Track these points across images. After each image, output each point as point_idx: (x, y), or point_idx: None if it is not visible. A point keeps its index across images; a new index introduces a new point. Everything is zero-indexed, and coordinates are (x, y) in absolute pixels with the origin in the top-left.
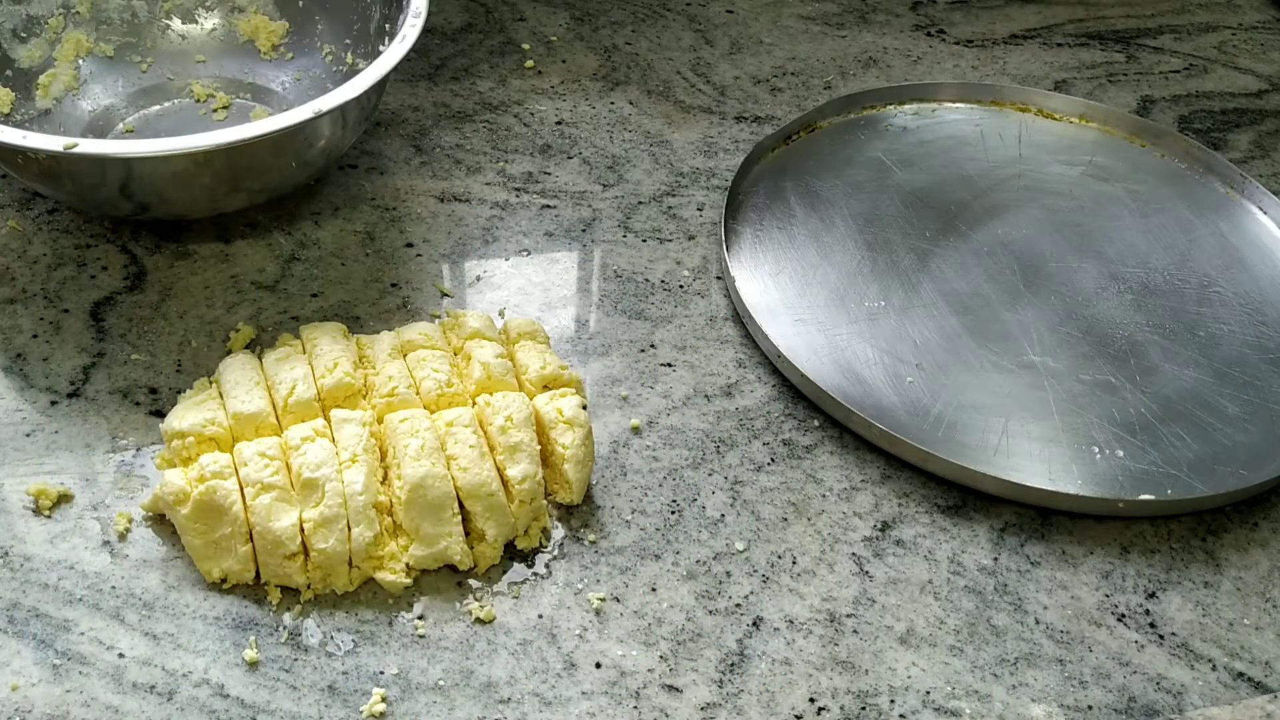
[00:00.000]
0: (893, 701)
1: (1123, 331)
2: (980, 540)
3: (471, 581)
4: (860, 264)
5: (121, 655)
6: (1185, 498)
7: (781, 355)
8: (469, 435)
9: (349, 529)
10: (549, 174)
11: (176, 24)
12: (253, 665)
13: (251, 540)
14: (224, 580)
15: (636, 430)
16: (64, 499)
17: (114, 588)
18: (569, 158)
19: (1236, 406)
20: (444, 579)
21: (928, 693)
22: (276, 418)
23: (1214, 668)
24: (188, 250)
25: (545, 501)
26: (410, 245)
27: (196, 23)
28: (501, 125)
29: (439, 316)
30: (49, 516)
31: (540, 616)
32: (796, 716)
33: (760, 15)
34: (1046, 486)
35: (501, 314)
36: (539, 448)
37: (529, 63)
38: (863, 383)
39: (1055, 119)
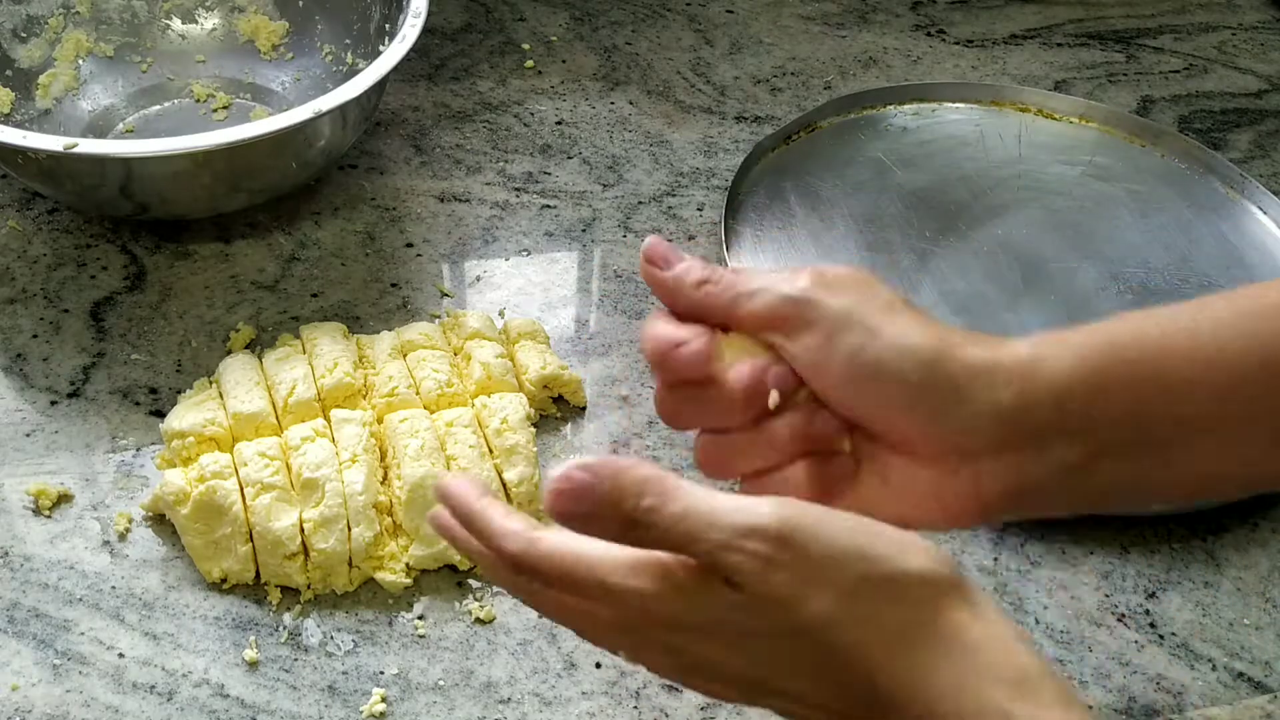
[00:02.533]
0: None
1: None
2: (980, 540)
3: (471, 581)
4: (860, 264)
5: (121, 655)
6: None
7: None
8: (469, 435)
9: (349, 529)
10: (549, 174)
11: (176, 24)
12: (253, 665)
13: (251, 540)
14: (224, 580)
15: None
16: (64, 499)
17: (114, 588)
18: (569, 158)
19: None
20: (444, 579)
21: None
22: (276, 418)
23: (1214, 667)
24: (188, 250)
25: None
26: (410, 245)
27: (196, 23)
28: (501, 125)
29: (439, 316)
30: (49, 516)
31: (540, 616)
32: None
33: (760, 15)
34: None
35: (501, 314)
36: (536, 450)
37: (529, 63)
38: None
39: (1055, 119)
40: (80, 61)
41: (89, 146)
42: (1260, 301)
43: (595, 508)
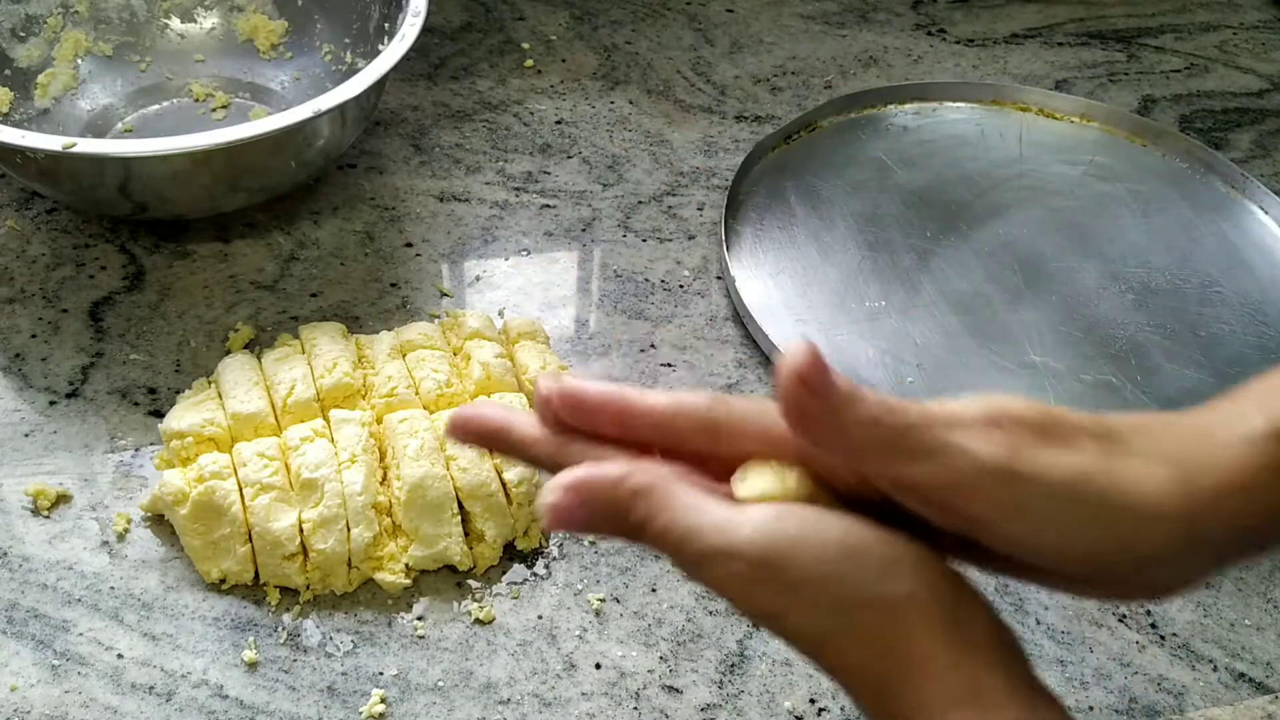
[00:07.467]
0: None
1: (1124, 331)
2: None
3: (471, 582)
4: (861, 264)
5: (120, 656)
6: None
7: (782, 355)
8: None
9: (348, 529)
10: (549, 174)
11: (175, 23)
12: (252, 666)
13: (250, 541)
14: (223, 581)
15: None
16: (63, 499)
17: (113, 588)
18: (569, 157)
19: None
20: (443, 579)
21: None
22: (275, 418)
23: (1215, 668)
24: (187, 250)
25: None
26: (410, 245)
27: (195, 22)
28: (501, 125)
29: (438, 316)
30: (48, 517)
31: (540, 617)
32: (796, 718)
33: (760, 14)
34: None
35: (501, 314)
36: None
37: (528, 62)
38: (863, 382)
39: (1056, 118)
40: (79, 61)
41: (88, 146)
42: None
43: (590, 523)
